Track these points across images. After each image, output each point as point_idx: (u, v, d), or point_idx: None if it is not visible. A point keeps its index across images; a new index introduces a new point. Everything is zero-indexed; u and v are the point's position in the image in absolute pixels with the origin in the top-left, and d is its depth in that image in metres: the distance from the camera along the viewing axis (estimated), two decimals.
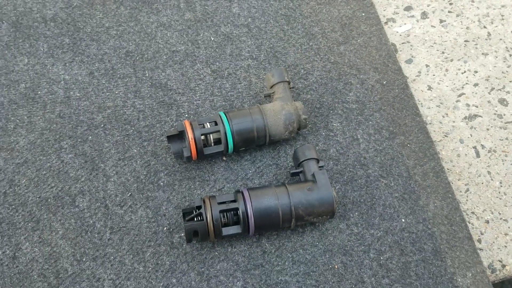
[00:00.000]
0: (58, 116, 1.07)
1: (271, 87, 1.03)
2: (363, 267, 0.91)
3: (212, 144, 0.98)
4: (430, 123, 1.08)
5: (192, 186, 0.99)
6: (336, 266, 0.90)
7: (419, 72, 1.16)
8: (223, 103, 1.10)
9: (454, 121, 1.08)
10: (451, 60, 1.17)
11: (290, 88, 1.02)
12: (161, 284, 0.90)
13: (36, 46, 1.17)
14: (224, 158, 1.02)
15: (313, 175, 0.91)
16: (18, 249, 0.93)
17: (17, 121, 1.07)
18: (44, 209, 0.97)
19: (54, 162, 1.02)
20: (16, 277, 0.90)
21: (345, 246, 0.93)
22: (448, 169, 1.02)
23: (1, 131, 1.05)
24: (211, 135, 0.98)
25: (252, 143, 0.99)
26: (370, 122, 1.07)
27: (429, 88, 1.13)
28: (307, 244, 0.93)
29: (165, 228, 0.95)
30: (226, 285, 0.89)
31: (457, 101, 1.11)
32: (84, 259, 0.92)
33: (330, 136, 1.05)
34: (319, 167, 0.94)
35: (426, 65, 1.17)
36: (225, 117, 0.98)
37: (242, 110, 1.00)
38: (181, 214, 0.94)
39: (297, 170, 0.95)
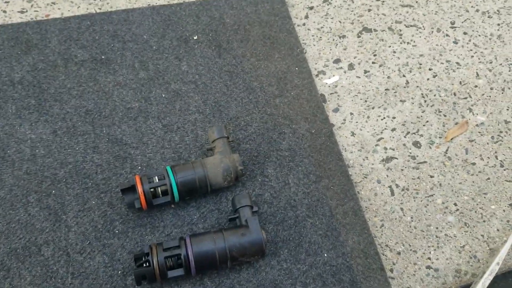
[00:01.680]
0: (25, 173, 1.22)
1: (213, 141, 1.19)
2: None
3: (160, 195, 1.13)
4: (352, 166, 1.24)
5: (144, 233, 1.14)
6: None
7: (344, 119, 1.32)
8: (172, 154, 1.25)
9: (373, 164, 1.25)
10: (373, 108, 1.34)
11: (229, 142, 1.18)
12: None
13: (5, 108, 1.31)
14: (173, 206, 1.17)
15: (246, 220, 1.07)
16: None
17: None
18: (13, 258, 1.10)
19: (22, 215, 1.16)
20: None
21: (276, 280, 1.08)
22: (366, 207, 1.18)
23: None
24: (159, 188, 1.13)
25: (195, 192, 1.15)
26: (300, 168, 1.23)
27: (352, 134, 1.30)
28: (243, 280, 1.08)
29: (119, 272, 1.09)
30: None
31: (376, 145, 1.28)
32: None
33: (265, 181, 1.21)
34: (253, 212, 1.09)
35: (350, 113, 1.33)
36: (171, 171, 1.13)
37: (186, 164, 1.16)
38: (133, 259, 1.09)
39: (234, 216, 1.11)
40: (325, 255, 1.11)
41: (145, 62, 1.40)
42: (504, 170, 1.24)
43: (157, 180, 1.13)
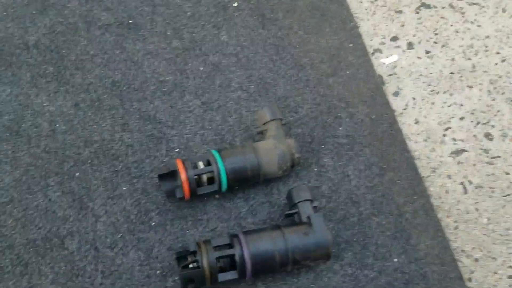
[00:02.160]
0: (44, 151, 1.04)
1: (264, 124, 1.02)
2: None
3: (206, 184, 0.97)
4: (418, 158, 1.10)
5: (185, 226, 0.98)
6: None
7: (406, 105, 1.17)
8: (214, 137, 1.08)
9: (441, 156, 1.10)
10: (437, 93, 1.19)
11: (282, 125, 1.02)
12: None
13: (19, 74, 1.14)
14: (217, 196, 1.01)
15: (308, 217, 0.91)
16: None
17: (1, 156, 1.03)
18: (32, 252, 0.94)
19: (41, 201, 0.99)
20: None
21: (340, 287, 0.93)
22: (437, 205, 1.04)
23: None
24: (204, 175, 0.97)
25: (245, 182, 0.99)
26: (360, 158, 1.07)
27: (416, 121, 1.15)
28: (302, 286, 0.93)
29: (158, 272, 0.93)
30: None
31: (444, 135, 1.13)
32: None
33: (322, 172, 1.05)
34: (314, 207, 0.94)
35: (413, 97, 1.18)
36: (219, 156, 0.96)
37: (235, 149, 0.99)
38: (175, 256, 0.93)
39: (292, 211, 0.95)
40: (395, 260, 0.96)
41: (178, 30, 1.22)
42: None
43: (202, 166, 0.97)
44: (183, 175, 0.94)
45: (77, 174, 1.02)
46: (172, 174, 0.99)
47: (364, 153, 1.08)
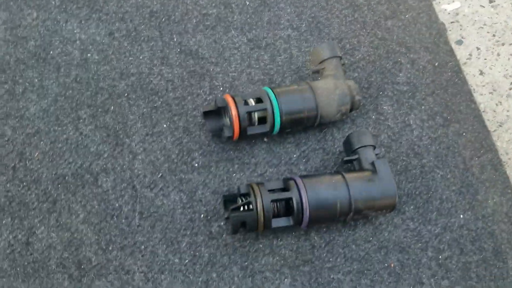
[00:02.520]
0: (75, 80, 0.94)
1: (321, 62, 0.92)
2: (421, 267, 0.83)
3: (256, 124, 0.87)
4: (483, 111, 1.00)
5: (231, 169, 0.88)
6: (392, 265, 0.82)
7: (470, 55, 1.07)
8: (262, 77, 0.98)
9: (508, 111, 1.00)
10: (503, 44, 1.09)
11: (342, 64, 0.92)
12: (200, 279, 0.79)
13: None
14: (265, 140, 0.91)
15: (372, 164, 0.82)
16: (32, 233, 0.80)
17: (27, 84, 0.93)
18: (61, 188, 0.84)
19: (71, 134, 0.89)
20: (30, 266, 0.78)
21: (401, 243, 0.84)
22: (504, 161, 0.94)
23: (8, 95, 0.91)
24: (255, 113, 0.86)
25: (300, 124, 0.89)
26: (423, 107, 0.97)
27: (481, 73, 1.05)
28: (360, 239, 0.84)
29: (202, 216, 0.84)
30: (272, 282, 0.80)
31: (510, 88, 1.03)
32: (110, 248, 0.80)
33: (381, 120, 0.95)
34: (376, 155, 0.84)
35: (477, 47, 1.08)
36: (273, 94, 0.86)
37: (291, 87, 0.89)
38: (220, 200, 0.84)
39: (352, 158, 0.85)
40: (461, 216, 0.87)
41: None
42: None
43: (252, 103, 0.86)
44: (233, 111, 0.84)
45: (112, 107, 0.92)
46: (218, 112, 0.89)
47: (427, 102, 0.98)
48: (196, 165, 0.88)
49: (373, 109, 0.96)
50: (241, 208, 0.78)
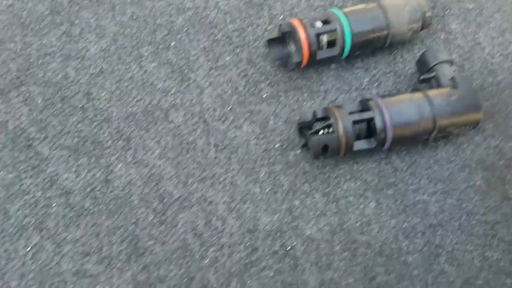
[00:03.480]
0: (131, 19, 0.91)
1: None
2: (506, 183, 0.81)
3: (325, 47, 0.84)
4: None
5: (300, 98, 0.86)
6: (477, 183, 0.80)
7: None
8: (322, 2, 0.94)
9: None
10: None
11: None
12: (283, 206, 0.78)
13: None
14: (332, 66, 0.88)
15: (452, 79, 0.79)
16: (110, 171, 0.79)
17: (83, 24, 0.90)
18: (133, 125, 0.82)
19: (135, 72, 0.86)
20: (113, 203, 0.77)
21: (484, 161, 0.82)
22: None
23: (66, 37, 0.88)
24: (324, 36, 0.83)
25: (370, 45, 0.86)
26: (491, 24, 0.93)
27: None
28: (442, 159, 0.82)
29: (277, 145, 0.82)
30: (357, 206, 0.78)
31: None
32: (190, 181, 0.79)
33: (450, 39, 0.92)
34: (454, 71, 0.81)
35: None
36: (342, 14, 0.82)
37: (359, 6, 0.85)
38: (294, 129, 0.82)
39: (429, 76, 0.82)
40: None
41: None
42: None
43: (319, 26, 0.83)
44: (302, 35, 0.81)
45: (173, 43, 0.89)
46: (282, 40, 0.86)
47: (495, 19, 0.94)
48: (265, 96, 0.86)
49: (441, 29, 0.93)
50: (320, 132, 0.76)
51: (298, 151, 0.82)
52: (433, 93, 0.78)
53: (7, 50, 0.86)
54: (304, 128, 0.80)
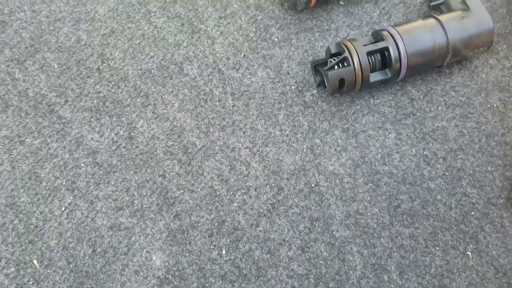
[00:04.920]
0: None
1: None
2: None
3: None
4: None
5: (312, 38, 0.86)
6: (495, 105, 0.80)
7: None
8: None
9: None
10: None
11: None
12: (304, 146, 0.79)
13: None
14: (341, 3, 0.88)
15: (463, 2, 0.78)
16: (132, 128, 0.81)
17: None
18: (149, 81, 0.83)
19: (146, 29, 0.87)
20: (139, 158, 0.79)
21: (500, 82, 0.82)
22: None
23: (73, 0, 0.89)
24: None
25: None
26: None
27: None
28: (458, 85, 0.82)
29: (293, 87, 0.83)
30: (377, 139, 0.79)
31: None
32: (211, 130, 0.80)
33: None
34: None
35: None
36: None
37: None
38: (308, 69, 0.82)
39: (438, 1, 0.81)
40: None
41: None
42: None
43: None
44: None
45: None
46: None
47: None
48: (276, 39, 0.86)
49: None
50: (336, 68, 0.77)
51: (314, 91, 0.83)
52: (445, 17, 0.78)
53: (17, 20, 0.87)
54: (319, 66, 0.80)
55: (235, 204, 0.77)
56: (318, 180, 0.78)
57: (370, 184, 0.77)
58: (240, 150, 0.79)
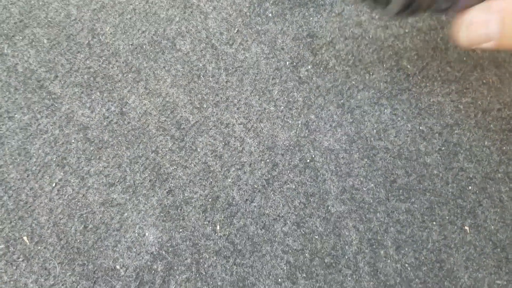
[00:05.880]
0: None
1: None
2: None
3: None
4: None
5: (307, 13, 0.85)
6: (491, 80, 0.79)
7: None
8: None
9: None
10: None
11: None
12: (299, 121, 0.78)
13: None
14: None
15: None
16: (124, 103, 0.79)
17: None
18: (141, 57, 0.82)
19: (137, 3, 0.85)
20: (131, 134, 0.78)
21: (496, 59, 0.81)
22: None
23: None
24: None
25: None
26: None
27: None
28: (454, 61, 0.81)
29: (287, 63, 0.82)
30: (372, 114, 0.78)
31: None
32: (204, 106, 0.79)
33: None
34: None
35: None
36: None
37: None
38: (303, 45, 0.81)
39: None
40: None
41: None
42: None
43: None
44: None
45: None
46: None
47: None
48: (270, 15, 0.85)
49: None
50: None
51: (309, 67, 0.81)
52: None
53: None
54: None
55: (229, 180, 0.76)
56: (313, 156, 0.77)
57: (366, 159, 0.76)
58: (234, 126, 0.78)
